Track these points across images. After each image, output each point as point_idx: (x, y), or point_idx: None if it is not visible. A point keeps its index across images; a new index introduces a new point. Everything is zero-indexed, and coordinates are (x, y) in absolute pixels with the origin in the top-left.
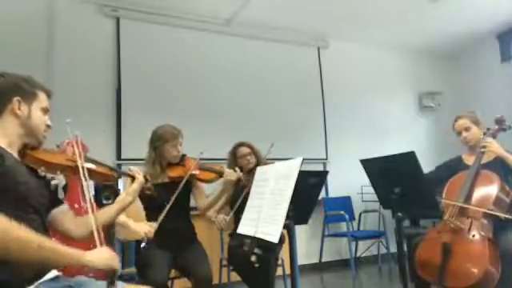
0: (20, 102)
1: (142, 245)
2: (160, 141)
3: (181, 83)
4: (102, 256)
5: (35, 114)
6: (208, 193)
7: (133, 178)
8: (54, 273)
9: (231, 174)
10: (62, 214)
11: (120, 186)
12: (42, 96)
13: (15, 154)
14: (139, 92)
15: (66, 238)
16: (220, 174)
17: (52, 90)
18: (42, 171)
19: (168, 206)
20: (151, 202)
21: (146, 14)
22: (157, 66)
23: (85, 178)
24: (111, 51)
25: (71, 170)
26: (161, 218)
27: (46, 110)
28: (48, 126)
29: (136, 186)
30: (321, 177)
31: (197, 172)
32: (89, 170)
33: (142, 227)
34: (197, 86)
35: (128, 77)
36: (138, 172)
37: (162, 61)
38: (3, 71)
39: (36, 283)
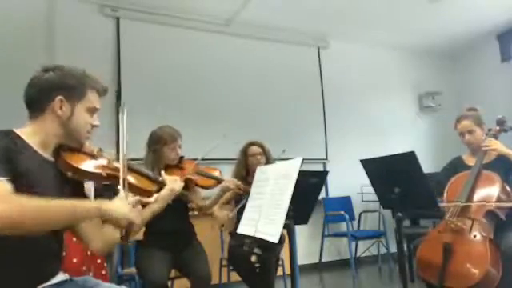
0: (62, 101)
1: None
2: (159, 143)
3: (181, 83)
4: (121, 207)
5: (79, 115)
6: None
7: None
8: (60, 277)
9: (229, 182)
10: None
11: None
12: (91, 95)
13: (46, 155)
14: (139, 92)
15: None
16: (219, 181)
17: (107, 87)
18: (70, 176)
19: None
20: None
21: (146, 14)
22: (157, 66)
23: (124, 189)
24: (111, 51)
25: (105, 180)
26: None
27: (94, 110)
28: (94, 126)
29: (166, 192)
30: (321, 177)
31: (195, 177)
32: (129, 184)
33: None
34: (197, 86)
35: (128, 77)
36: (173, 179)
37: (162, 61)
38: (59, 64)
39: (41, 286)
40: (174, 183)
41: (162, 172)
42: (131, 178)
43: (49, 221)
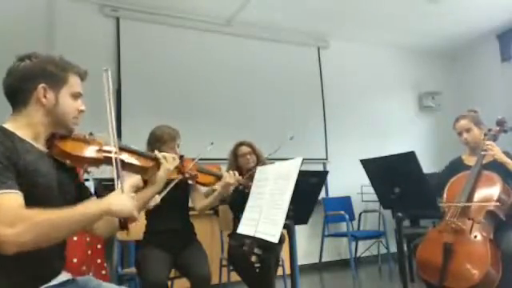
0: (46, 89)
1: None
2: (157, 143)
3: (181, 83)
4: (127, 204)
5: (64, 101)
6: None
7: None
8: (63, 277)
9: (230, 177)
10: None
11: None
12: (73, 80)
13: (41, 146)
14: (139, 92)
15: None
16: (219, 177)
17: (87, 71)
18: (69, 164)
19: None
20: None
21: (146, 14)
22: (157, 66)
23: (117, 171)
24: (111, 51)
25: (102, 162)
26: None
27: (78, 95)
28: (81, 111)
29: (162, 173)
30: (321, 177)
31: (195, 174)
32: (123, 162)
33: None
34: (197, 85)
35: (128, 77)
36: (165, 156)
37: (162, 61)
38: (34, 52)
39: (43, 286)
40: (169, 161)
41: (156, 151)
42: (126, 157)
43: (61, 234)
